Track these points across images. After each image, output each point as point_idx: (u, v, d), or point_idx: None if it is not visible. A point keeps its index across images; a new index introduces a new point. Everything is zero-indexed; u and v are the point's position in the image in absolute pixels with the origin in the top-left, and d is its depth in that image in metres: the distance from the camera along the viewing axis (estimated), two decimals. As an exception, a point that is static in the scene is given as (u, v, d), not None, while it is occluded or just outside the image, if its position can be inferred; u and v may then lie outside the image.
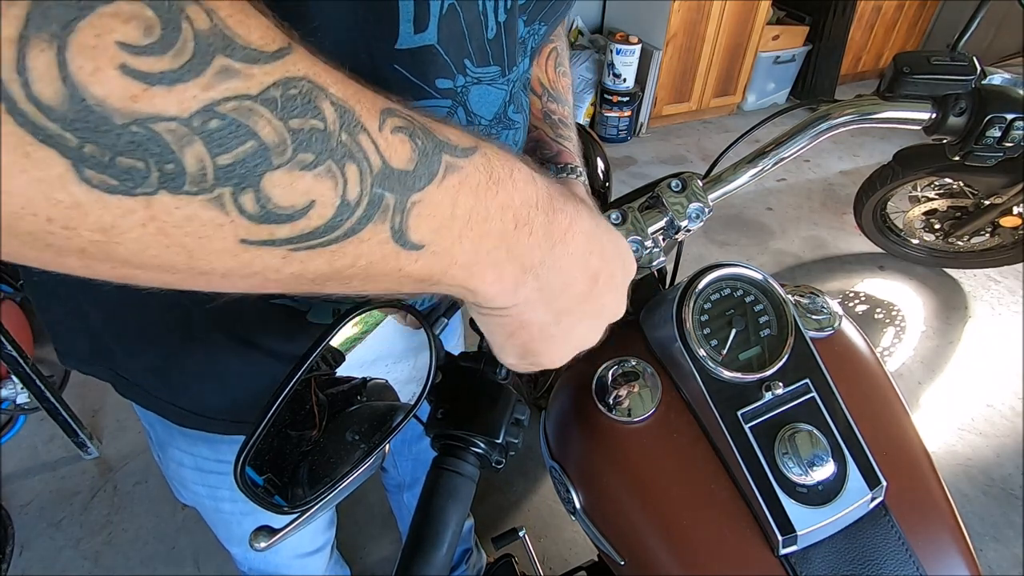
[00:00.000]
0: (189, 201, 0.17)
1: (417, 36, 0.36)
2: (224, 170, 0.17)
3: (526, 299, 0.31)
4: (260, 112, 0.17)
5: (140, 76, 0.15)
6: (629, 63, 2.95)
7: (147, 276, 0.19)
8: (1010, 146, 0.56)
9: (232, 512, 0.71)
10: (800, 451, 0.46)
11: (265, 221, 0.19)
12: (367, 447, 0.43)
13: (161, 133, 0.16)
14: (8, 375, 1.47)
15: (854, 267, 2.45)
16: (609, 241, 0.35)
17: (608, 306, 0.37)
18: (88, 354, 0.56)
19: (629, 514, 0.52)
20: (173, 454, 0.65)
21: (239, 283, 0.21)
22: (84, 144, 0.15)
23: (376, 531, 1.47)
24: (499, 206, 0.26)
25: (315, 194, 0.19)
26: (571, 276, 0.32)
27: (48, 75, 0.14)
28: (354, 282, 0.24)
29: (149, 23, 0.15)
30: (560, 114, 0.65)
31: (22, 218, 0.15)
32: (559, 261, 0.31)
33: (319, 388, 0.42)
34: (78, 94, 0.14)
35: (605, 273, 0.35)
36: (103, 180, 0.15)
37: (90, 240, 0.17)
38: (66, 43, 0.14)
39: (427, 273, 0.25)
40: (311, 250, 0.21)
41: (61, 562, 1.39)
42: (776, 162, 0.59)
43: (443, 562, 0.38)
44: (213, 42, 0.16)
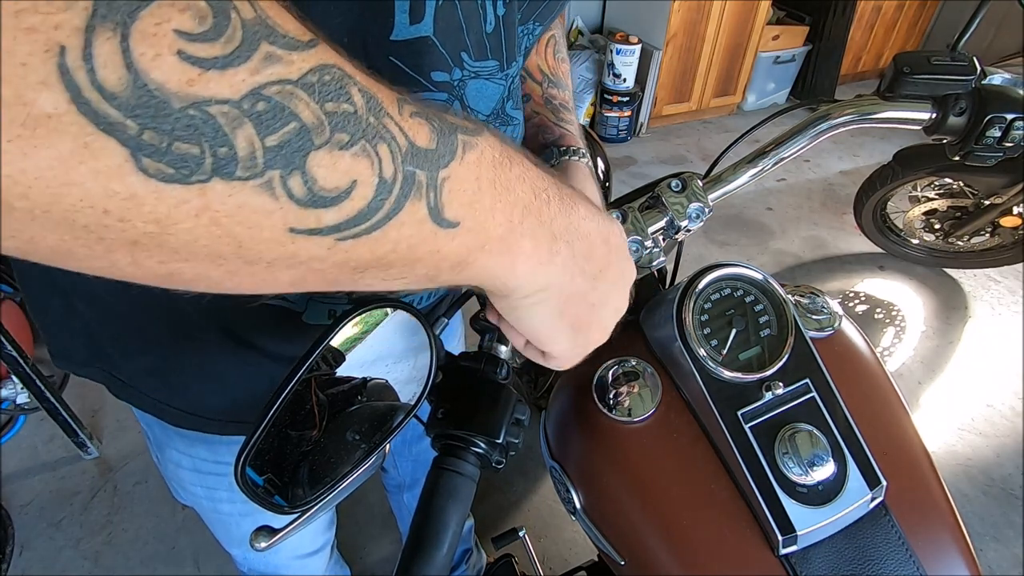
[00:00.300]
0: (241, 187, 0.18)
1: (412, 27, 0.36)
2: (272, 151, 0.18)
3: (562, 267, 0.32)
4: (300, 95, 0.18)
5: (196, 61, 0.16)
6: (629, 63, 2.95)
7: (193, 271, 0.20)
8: (1010, 146, 0.56)
9: (231, 513, 0.71)
10: (800, 451, 0.46)
11: (312, 205, 0.20)
12: (367, 447, 0.43)
13: (215, 115, 0.16)
14: (8, 375, 1.47)
15: (854, 267, 2.45)
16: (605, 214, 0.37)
17: (626, 270, 0.38)
18: (83, 356, 0.56)
19: (629, 514, 0.52)
20: (171, 455, 0.65)
21: (282, 275, 0.22)
22: (143, 131, 0.15)
23: (376, 531, 1.47)
24: (517, 177, 0.28)
25: (355, 173, 0.20)
26: (592, 240, 0.34)
27: (112, 62, 0.14)
28: (394, 269, 0.25)
29: (202, 12, 0.16)
30: (561, 99, 0.65)
31: (80, 211, 0.16)
32: (580, 226, 0.32)
33: (319, 388, 0.42)
34: (140, 80, 0.15)
35: (614, 236, 0.36)
36: (159, 169, 0.16)
37: (144, 232, 0.17)
38: (129, 31, 0.14)
39: (464, 252, 0.26)
40: (356, 239, 0.22)
41: (61, 562, 1.39)
42: (776, 162, 0.59)
43: (443, 562, 0.38)
44: (258, 30, 0.17)
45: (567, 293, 0.34)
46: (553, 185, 0.31)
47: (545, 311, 0.34)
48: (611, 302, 0.38)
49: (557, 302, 0.34)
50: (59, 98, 0.14)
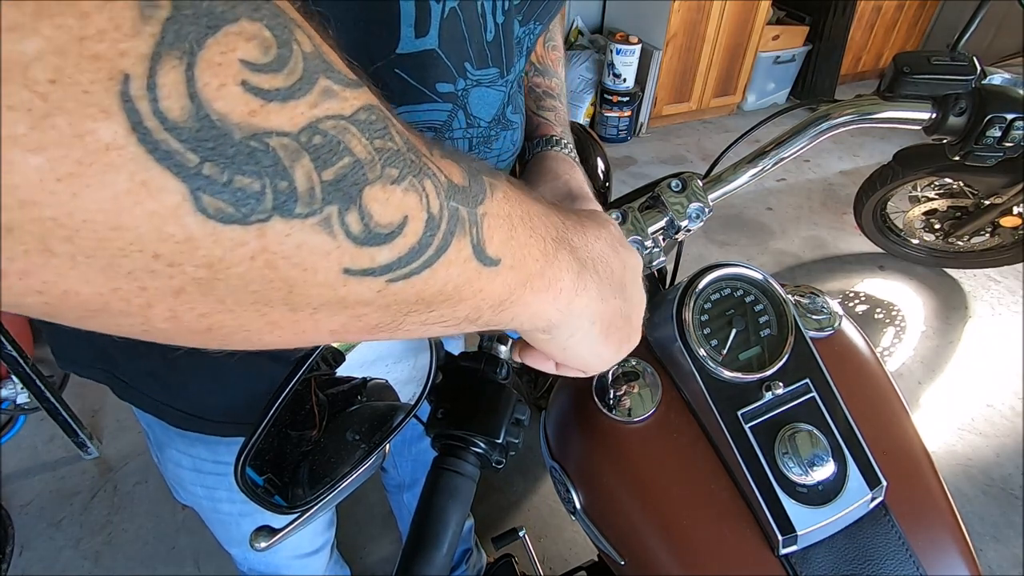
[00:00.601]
0: (300, 226, 0.17)
1: (418, 40, 0.37)
2: (330, 186, 0.17)
3: (597, 293, 0.33)
4: (352, 131, 0.18)
5: (258, 92, 0.15)
6: (629, 63, 2.95)
7: (235, 322, 0.19)
8: (1010, 146, 0.56)
9: (230, 513, 0.71)
10: (800, 451, 0.46)
11: (368, 243, 0.19)
12: (367, 447, 0.43)
13: (275, 148, 0.16)
14: (8, 375, 1.47)
15: (854, 267, 2.45)
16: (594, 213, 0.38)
17: (636, 264, 0.39)
18: (86, 358, 0.56)
19: (629, 514, 0.52)
20: (171, 455, 0.65)
21: (325, 323, 0.21)
22: (204, 163, 0.15)
23: (376, 531, 1.47)
24: (539, 213, 0.29)
25: (406, 208, 0.20)
26: (608, 257, 0.34)
27: (177, 91, 0.14)
28: (436, 311, 0.24)
29: (267, 43, 0.15)
30: (545, 86, 0.64)
31: (128, 255, 0.15)
32: (594, 248, 0.33)
33: (319, 388, 0.42)
34: (203, 110, 0.14)
35: (616, 239, 0.37)
36: (220, 208, 0.15)
37: (193, 278, 0.16)
38: (196, 59, 0.14)
39: (507, 291, 0.26)
40: (406, 279, 0.21)
41: (61, 562, 1.39)
42: (776, 162, 0.59)
43: (443, 562, 0.38)
44: (317, 64, 0.17)
45: (607, 316, 0.35)
46: (562, 216, 0.32)
47: (591, 340, 0.35)
48: (637, 304, 0.39)
49: (600, 327, 0.35)
50: (118, 128, 0.13)
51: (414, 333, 0.25)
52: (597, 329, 0.35)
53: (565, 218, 0.32)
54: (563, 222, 0.31)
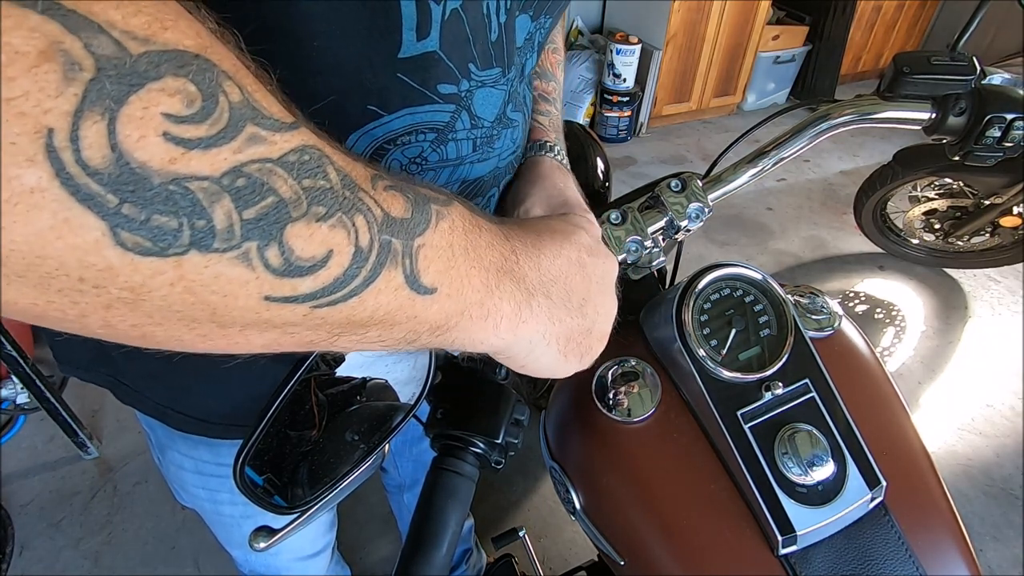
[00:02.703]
0: (218, 259, 0.18)
1: (420, 43, 0.36)
2: (250, 224, 0.19)
3: (547, 317, 0.33)
4: (278, 173, 0.19)
5: (180, 142, 0.17)
6: (629, 63, 2.95)
7: (166, 333, 0.20)
8: (1010, 146, 0.56)
9: (232, 515, 0.71)
10: (800, 451, 0.46)
11: (288, 275, 0.20)
12: (367, 447, 0.43)
13: (194, 191, 0.17)
14: (8, 375, 1.47)
15: (854, 267, 2.45)
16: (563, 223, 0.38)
17: (606, 271, 0.39)
18: (87, 361, 0.56)
19: (629, 514, 0.52)
20: (173, 457, 0.65)
21: (255, 339, 0.23)
22: (123, 204, 0.16)
23: (376, 531, 1.47)
24: (487, 244, 0.29)
25: (331, 243, 0.21)
26: (566, 276, 0.35)
27: (98, 143, 0.15)
28: (371, 332, 0.25)
29: (191, 96, 0.17)
30: (541, 90, 0.64)
31: (55, 277, 0.16)
32: (550, 270, 0.34)
33: (319, 388, 0.42)
34: (123, 159, 0.16)
35: (584, 249, 0.37)
36: (137, 242, 0.17)
37: (117, 297, 0.18)
38: (117, 115, 0.15)
39: (444, 318, 0.27)
40: (332, 306, 0.22)
41: (61, 562, 1.39)
42: (776, 162, 0.59)
43: (443, 562, 0.38)
44: (244, 112, 0.18)
45: (561, 335, 0.35)
46: (518, 241, 0.32)
47: (547, 357, 0.35)
48: (602, 314, 0.39)
49: (556, 346, 0.35)
50: (43, 173, 0.15)
51: (352, 349, 0.26)
52: (554, 348, 0.35)
53: (520, 242, 0.32)
54: (513, 250, 0.31)
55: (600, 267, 0.38)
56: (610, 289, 0.40)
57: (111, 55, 0.15)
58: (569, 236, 0.37)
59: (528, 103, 0.56)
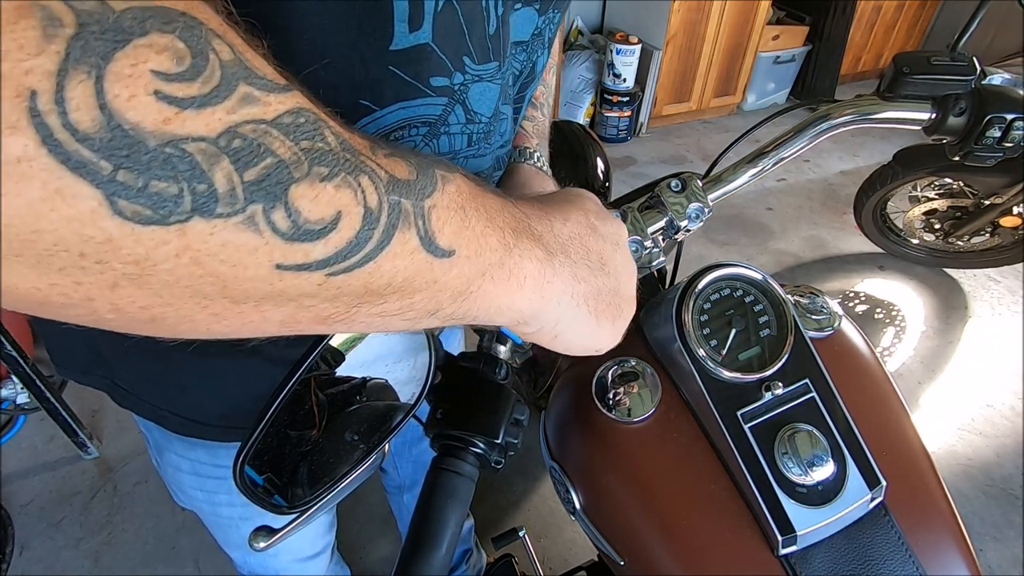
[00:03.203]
0: (223, 225, 0.17)
1: (412, 35, 0.36)
2: (252, 185, 0.18)
3: (572, 276, 0.33)
4: (274, 134, 0.18)
5: (172, 100, 0.16)
6: (629, 63, 2.95)
7: (177, 314, 0.19)
8: (1010, 146, 0.56)
9: (230, 517, 0.71)
10: (800, 451, 0.46)
11: (298, 239, 0.19)
12: (367, 447, 0.43)
13: (192, 152, 0.16)
14: (8, 375, 1.47)
15: (854, 267, 2.45)
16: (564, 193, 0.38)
17: (618, 233, 0.39)
18: (85, 364, 0.56)
19: (629, 514, 0.52)
20: (170, 459, 0.65)
21: (271, 314, 0.22)
22: (118, 170, 0.15)
23: (376, 531, 1.47)
24: (497, 207, 0.28)
25: (339, 204, 0.20)
26: (581, 237, 0.34)
27: (85, 104, 0.14)
28: (390, 303, 0.24)
29: (180, 53, 0.16)
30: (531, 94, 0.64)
31: (54, 254, 0.15)
32: (562, 231, 0.33)
33: (319, 388, 0.42)
34: (114, 120, 0.15)
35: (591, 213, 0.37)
36: (136, 211, 0.16)
37: (123, 274, 0.17)
38: (104, 73, 0.14)
39: (465, 281, 0.26)
40: (347, 273, 0.21)
41: (61, 562, 1.39)
42: (776, 162, 0.59)
43: (442, 562, 0.38)
44: (236, 71, 0.17)
45: (590, 294, 0.34)
46: (526, 207, 0.32)
47: (580, 322, 0.34)
48: (624, 274, 0.38)
49: (586, 306, 0.34)
50: (29, 141, 0.14)
51: (373, 325, 0.25)
52: (584, 310, 0.34)
53: (527, 208, 0.32)
54: (524, 212, 0.31)
55: (610, 227, 0.38)
56: (625, 249, 0.39)
57: (92, 10, 0.14)
58: (573, 202, 0.36)
59: (525, 101, 0.55)
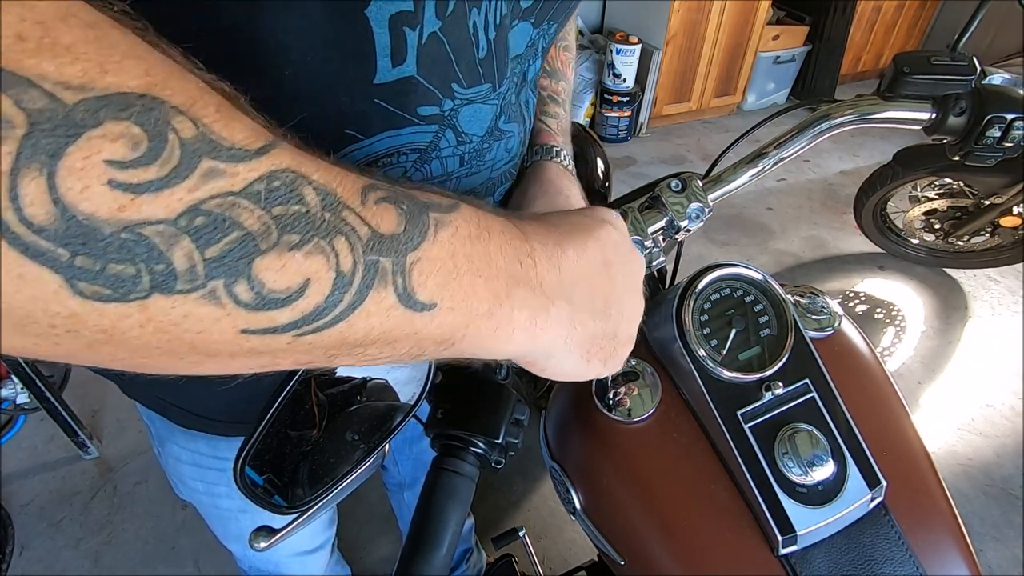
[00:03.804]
0: (184, 300, 0.18)
1: (396, 69, 0.36)
2: (213, 262, 0.18)
3: (568, 322, 0.31)
4: (243, 205, 0.18)
5: (127, 188, 0.16)
6: (629, 63, 2.95)
7: (158, 365, 0.20)
8: (1010, 146, 0.56)
9: (230, 509, 0.71)
10: (800, 451, 0.46)
11: (263, 308, 0.19)
12: (367, 447, 0.43)
13: (149, 236, 0.16)
14: (8, 375, 1.47)
15: (854, 267, 2.45)
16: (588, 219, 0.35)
17: (633, 270, 0.37)
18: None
19: (629, 514, 0.52)
20: (171, 450, 0.66)
21: (249, 363, 0.22)
22: (75, 256, 0.16)
23: (376, 531, 1.47)
24: (498, 249, 0.27)
25: (308, 272, 0.20)
26: (590, 278, 0.32)
27: (39, 199, 0.15)
28: (370, 352, 0.24)
29: (136, 139, 0.16)
30: (551, 90, 0.63)
31: (28, 325, 0.16)
32: (572, 272, 0.31)
33: (319, 388, 0.42)
34: (68, 212, 0.15)
35: (609, 245, 0.34)
36: (96, 291, 0.16)
37: (94, 339, 0.17)
38: (56, 169, 0.15)
39: (448, 332, 0.25)
40: (317, 333, 0.21)
41: (61, 562, 1.39)
42: (776, 162, 0.59)
43: (443, 562, 0.38)
44: (199, 147, 0.17)
45: (584, 340, 0.33)
46: (538, 241, 0.30)
47: (568, 363, 0.34)
48: (627, 316, 0.36)
49: (578, 351, 0.33)
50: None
51: (356, 364, 0.25)
52: (575, 355, 0.33)
53: (540, 242, 0.30)
54: (531, 252, 0.29)
55: (627, 266, 0.36)
56: (637, 289, 0.38)
57: (44, 108, 0.14)
58: (593, 232, 0.34)
59: (530, 110, 0.55)
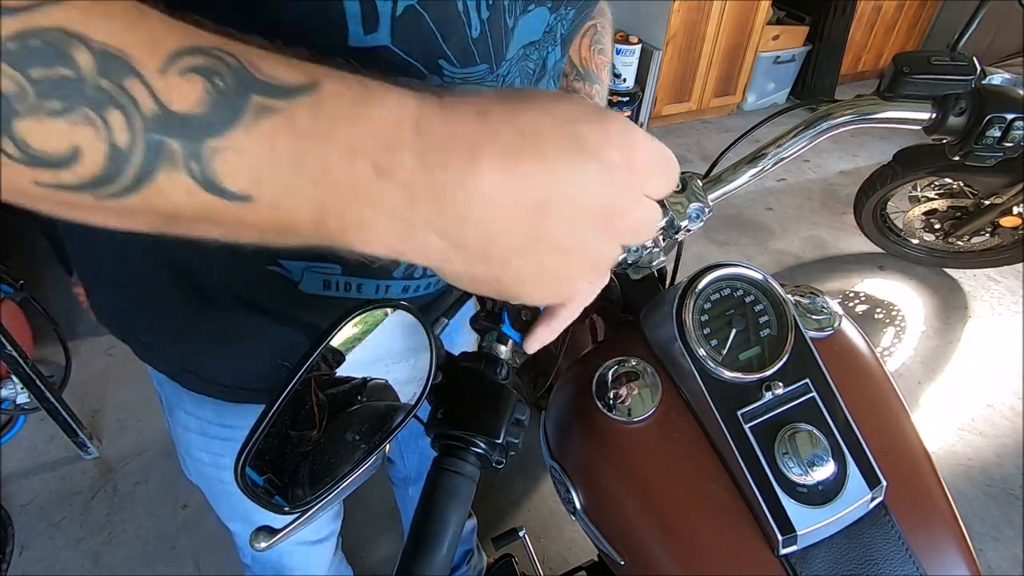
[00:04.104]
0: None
1: (368, 36, 0.36)
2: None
3: (443, 258, 0.25)
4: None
5: None
6: (629, 63, 2.95)
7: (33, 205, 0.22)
8: (1010, 146, 0.56)
9: (232, 482, 0.71)
10: (800, 451, 0.46)
11: (35, 164, 0.20)
12: (367, 447, 0.43)
13: None
14: (8, 375, 1.47)
15: (854, 267, 2.45)
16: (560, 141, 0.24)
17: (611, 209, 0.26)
18: (118, 317, 0.60)
19: (629, 514, 0.52)
20: (180, 417, 0.67)
21: (91, 217, 0.23)
22: None
23: (377, 531, 1.47)
24: (344, 152, 0.22)
25: (75, 140, 0.20)
26: (497, 222, 0.24)
27: None
28: (199, 227, 0.23)
29: None
30: (585, 92, 0.64)
31: None
32: (469, 211, 0.24)
33: (319, 388, 0.42)
34: None
35: (560, 196, 0.25)
36: None
37: None
38: None
39: (278, 225, 0.23)
40: (115, 198, 0.21)
41: (61, 562, 1.39)
42: (776, 162, 0.59)
43: (443, 562, 0.38)
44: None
45: (463, 274, 0.27)
46: (422, 155, 0.23)
47: (451, 278, 0.28)
48: (552, 274, 0.27)
49: (461, 281, 0.28)
50: None
51: (207, 236, 0.24)
52: (451, 278, 0.27)
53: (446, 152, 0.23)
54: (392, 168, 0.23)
55: (576, 223, 0.26)
56: (584, 257, 0.27)
57: None
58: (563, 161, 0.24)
59: None
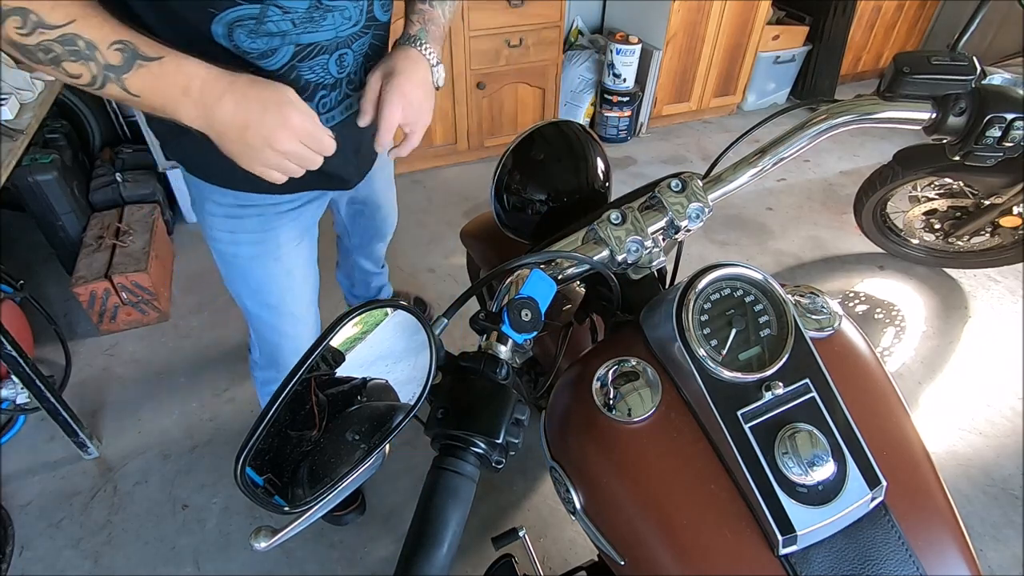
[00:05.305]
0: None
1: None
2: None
3: (214, 134, 0.62)
4: None
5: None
6: (629, 63, 2.95)
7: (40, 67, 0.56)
8: (1010, 146, 0.56)
9: (248, 257, 0.93)
10: (800, 451, 0.46)
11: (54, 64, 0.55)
12: (367, 447, 0.43)
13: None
14: (8, 375, 1.47)
15: (854, 267, 2.45)
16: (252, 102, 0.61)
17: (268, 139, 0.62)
18: (179, 151, 0.85)
19: (629, 514, 0.52)
20: (207, 207, 0.89)
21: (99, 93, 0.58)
22: None
23: (377, 531, 1.47)
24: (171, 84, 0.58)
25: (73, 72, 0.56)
26: (226, 125, 0.61)
27: None
28: (127, 103, 0.59)
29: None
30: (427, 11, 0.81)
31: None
32: (219, 118, 0.60)
33: (319, 388, 0.42)
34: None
35: (253, 122, 0.61)
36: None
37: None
38: None
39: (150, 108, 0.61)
40: (96, 90, 0.55)
41: (61, 562, 1.39)
42: (776, 162, 0.59)
43: (443, 562, 0.38)
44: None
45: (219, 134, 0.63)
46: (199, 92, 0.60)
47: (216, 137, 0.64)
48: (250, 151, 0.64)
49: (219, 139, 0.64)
50: None
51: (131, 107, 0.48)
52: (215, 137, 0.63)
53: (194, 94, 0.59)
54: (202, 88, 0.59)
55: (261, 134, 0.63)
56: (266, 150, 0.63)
57: None
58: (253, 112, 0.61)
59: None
